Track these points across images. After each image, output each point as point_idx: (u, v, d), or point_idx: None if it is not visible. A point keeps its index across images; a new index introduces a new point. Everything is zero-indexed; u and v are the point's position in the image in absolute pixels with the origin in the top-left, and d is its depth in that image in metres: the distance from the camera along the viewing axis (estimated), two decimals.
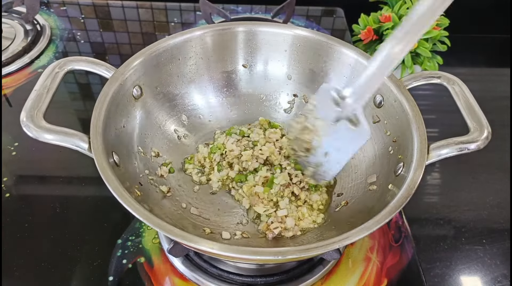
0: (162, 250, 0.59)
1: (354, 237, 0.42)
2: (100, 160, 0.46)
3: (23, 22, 0.96)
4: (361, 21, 0.86)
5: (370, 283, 0.57)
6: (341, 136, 0.52)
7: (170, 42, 0.61)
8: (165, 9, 1.05)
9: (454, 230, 0.67)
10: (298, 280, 0.56)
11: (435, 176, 0.76)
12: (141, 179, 0.55)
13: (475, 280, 0.61)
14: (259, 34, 0.65)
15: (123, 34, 0.99)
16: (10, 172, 0.68)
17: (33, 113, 0.47)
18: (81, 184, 0.67)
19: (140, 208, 0.43)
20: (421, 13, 0.40)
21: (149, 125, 0.61)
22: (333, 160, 0.54)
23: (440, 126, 0.84)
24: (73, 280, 0.56)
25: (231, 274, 0.55)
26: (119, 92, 0.54)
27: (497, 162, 0.77)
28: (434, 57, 0.82)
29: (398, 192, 0.46)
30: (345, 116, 0.51)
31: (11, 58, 0.87)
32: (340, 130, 0.51)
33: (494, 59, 1.04)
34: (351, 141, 0.52)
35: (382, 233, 0.62)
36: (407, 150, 0.52)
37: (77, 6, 1.03)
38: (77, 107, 0.83)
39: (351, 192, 0.60)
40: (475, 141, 0.49)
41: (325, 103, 0.52)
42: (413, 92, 0.56)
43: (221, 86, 0.69)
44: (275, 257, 0.40)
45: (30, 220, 0.61)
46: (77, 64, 0.55)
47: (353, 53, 0.61)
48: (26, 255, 0.58)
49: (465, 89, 0.55)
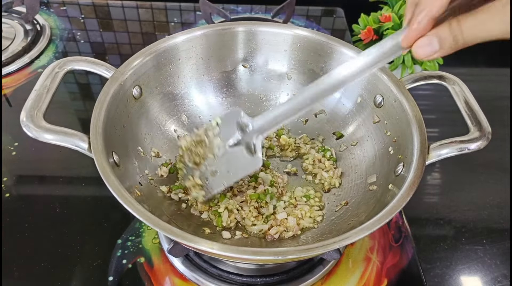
0: (162, 250, 0.59)
1: (354, 237, 0.42)
2: (100, 160, 0.46)
3: (23, 22, 0.96)
4: (361, 21, 0.86)
5: (370, 283, 0.57)
6: (234, 159, 0.52)
7: (170, 42, 0.61)
8: (165, 9, 1.05)
9: (454, 230, 0.67)
10: (298, 280, 0.56)
11: (435, 176, 0.76)
12: (141, 179, 0.55)
13: (475, 280, 0.61)
14: (259, 34, 0.65)
15: (123, 34, 0.99)
16: (10, 172, 0.68)
17: (33, 113, 0.47)
18: (81, 184, 0.67)
19: (140, 208, 0.43)
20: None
21: (149, 125, 0.61)
22: (219, 180, 0.54)
23: (440, 126, 0.84)
24: (73, 280, 0.56)
25: (231, 274, 0.55)
26: (119, 92, 0.54)
27: (497, 162, 0.77)
28: None
29: (398, 192, 0.46)
30: (244, 143, 0.52)
31: (11, 58, 0.87)
32: (235, 153, 0.52)
33: (494, 59, 1.04)
34: (243, 167, 0.52)
35: (382, 233, 0.62)
36: (407, 150, 0.52)
37: (77, 6, 1.03)
38: (77, 107, 0.83)
39: (351, 192, 0.60)
40: (475, 141, 0.49)
41: (229, 125, 0.53)
42: (413, 92, 0.56)
43: (221, 86, 0.69)
44: (275, 257, 0.40)
45: (30, 220, 0.61)
46: (77, 64, 0.55)
47: (353, 53, 0.61)
48: (26, 255, 0.58)
49: (465, 89, 0.55)
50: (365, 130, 0.62)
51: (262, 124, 0.51)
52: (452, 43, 0.35)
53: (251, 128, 0.52)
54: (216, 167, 0.53)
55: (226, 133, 0.53)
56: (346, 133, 0.65)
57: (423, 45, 0.36)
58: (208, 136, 0.54)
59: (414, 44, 0.37)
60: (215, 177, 0.54)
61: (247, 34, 0.65)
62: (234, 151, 0.52)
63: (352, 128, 0.64)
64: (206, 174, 0.54)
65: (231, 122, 0.53)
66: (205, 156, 0.54)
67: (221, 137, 0.53)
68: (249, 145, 0.52)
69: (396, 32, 0.39)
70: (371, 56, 0.41)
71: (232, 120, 0.53)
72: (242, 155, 0.51)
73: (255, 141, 0.52)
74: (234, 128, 0.52)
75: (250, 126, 0.52)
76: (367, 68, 0.42)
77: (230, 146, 0.52)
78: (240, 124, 0.52)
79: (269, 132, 0.52)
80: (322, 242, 0.41)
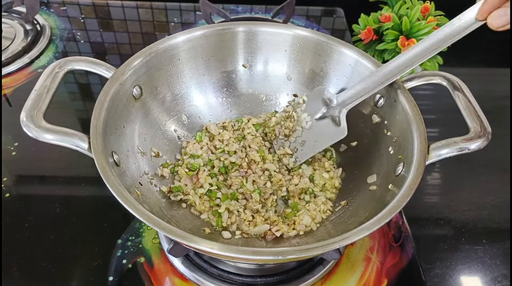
0: (162, 250, 0.59)
1: (354, 237, 0.42)
2: (100, 160, 0.46)
3: (23, 22, 0.96)
4: (361, 21, 0.86)
5: (370, 283, 0.57)
6: (320, 131, 0.60)
7: (170, 42, 0.61)
8: (165, 9, 1.05)
9: (454, 230, 0.67)
10: (298, 280, 0.56)
11: (435, 176, 0.76)
12: (141, 179, 0.55)
13: (475, 280, 0.61)
14: (259, 34, 0.65)
15: (123, 34, 0.99)
16: (10, 172, 0.68)
17: (33, 113, 0.47)
18: (81, 184, 0.67)
19: (140, 208, 0.43)
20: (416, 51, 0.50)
21: (149, 125, 0.61)
22: (307, 149, 0.61)
23: (440, 126, 0.84)
24: (73, 280, 0.56)
25: (231, 274, 0.55)
26: (119, 92, 0.54)
27: (497, 162, 0.77)
28: (434, 57, 0.82)
29: (398, 192, 0.46)
30: (329, 116, 0.60)
31: (11, 58, 0.87)
32: (321, 126, 0.60)
33: (494, 59, 1.04)
34: (329, 136, 0.60)
35: (382, 233, 0.62)
36: (407, 150, 0.52)
37: (77, 6, 1.03)
38: (77, 107, 0.83)
39: (351, 192, 0.60)
40: (475, 141, 0.49)
41: (315, 101, 0.61)
42: (413, 92, 0.56)
43: (221, 86, 0.69)
44: (275, 257, 0.40)
45: (30, 220, 0.61)
46: (77, 64, 0.55)
47: (353, 53, 0.61)
48: (26, 255, 0.58)
49: (465, 89, 0.55)
50: (365, 130, 0.62)
51: (345, 98, 0.58)
52: None
53: (335, 103, 0.59)
54: (304, 138, 0.62)
55: (312, 109, 0.61)
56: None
57: (498, 16, 0.40)
58: (296, 112, 0.62)
59: (489, 16, 0.40)
60: (304, 146, 0.62)
61: (247, 34, 0.65)
62: (321, 123, 0.60)
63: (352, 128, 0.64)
64: (295, 145, 0.62)
65: (316, 98, 0.61)
66: (294, 129, 0.62)
67: (308, 112, 0.62)
68: (334, 118, 0.59)
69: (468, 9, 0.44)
70: (444, 31, 0.47)
71: (318, 97, 0.61)
72: (328, 127, 0.59)
73: (339, 114, 0.59)
74: (319, 103, 0.60)
75: (334, 101, 0.59)
76: (442, 43, 0.47)
77: (316, 119, 0.61)
78: (325, 99, 0.60)
79: (352, 105, 0.58)
80: (322, 242, 0.41)
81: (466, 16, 0.44)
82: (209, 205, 0.58)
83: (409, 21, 0.79)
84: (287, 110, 0.64)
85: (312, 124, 0.61)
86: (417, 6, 0.80)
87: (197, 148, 0.64)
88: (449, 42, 0.47)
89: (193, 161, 0.62)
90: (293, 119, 0.62)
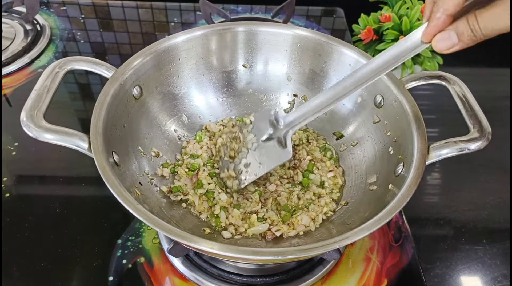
0: (162, 250, 0.59)
1: (354, 237, 0.41)
2: (100, 160, 0.46)
3: (23, 22, 0.96)
4: (361, 21, 0.86)
5: (370, 283, 0.57)
6: (266, 153, 0.58)
7: (170, 42, 0.61)
8: (165, 9, 1.05)
9: (454, 230, 0.67)
10: (298, 280, 0.56)
11: (435, 176, 0.76)
12: (141, 179, 0.55)
13: (475, 280, 0.61)
14: (259, 34, 0.65)
15: (123, 34, 0.99)
16: (10, 172, 0.68)
17: (33, 113, 0.47)
18: (81, 184, 0.67)
19: (140, 208, 0.43)
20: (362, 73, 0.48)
21: (149, 125, 0.61)
22: (251, 171, 0.58)
23: (440, 126, 0.84)
24: (73, 280, 0.56)
25: (231, 274, 0.55)
26: (119, 92, 0.54)
27: (497, 162, 0.77)
28: (434, 57, 0.82)
29: (398, 192, 0.46)
30: (276, 137, 0.58)
31: (11, 58, 0.87)
32: (267, 147, 0.58)
33: (494, 59, 1.04)
34: (274, 159, 0.57)
35: (382, 233, 0.62)
36: (407, 150, 0.52)
37: (77, 6, 1.03)
38: (77, 107, 0.83)
39: (351, 192, 0.60)
40: (475, 141, 0.49)
41: (261, 122, 0.59)
42: (413, 92, 0.56)
43: (221, 86, 0.69)
44: (275, 257, 0.40)
45: (30, 220, 0.61)
46: (77, 64, 0.55)
47: (353, 53, 0.61)
48: (26, 255, 0.58)
49: (465, 89, 0.55)
50: (365, 130, 0.62)
51: (292, 120, 0.56)
52: (471, 35, 0.37)
53: (282, 124, 0.57)
54: (249, 160, 0.59)
55: (259, 130, 0.59)
56: (346, 133, 0.65)
57: (442, 39, 0.39)
58: (242, 133, 0.60)
59: (434, 39, 0.40)
60: (248, 168, 0.58)
61: (247, 34, 0.65)
62: (267, 145, 0.58)
63: (352, 128, 0.64)
64: (240, 167, 0.59)
65: (263, 119, 0.59)
66: (240, 150, 0.60)
67: (254, 133, 0.59)
68: (280, 140, 0.58)
69: (414, 30, 0.42)
70: (391, 53, 0.45)
71: (265, 118, 0.59)
72: (274, 148, 0.58)
73: (285, 136, 0.57)
74: (266, 124, 0.58)
75: (282, 122, 0.57)
76: (387, 65, 0.46)
77: (263, 140, 0.58)
78: (272, 120, 0.58)
79: (298, 127, 0.57)
80: (322, 242, 0.41)
81: (412, 38, 0.43)
82: (208, 206, 0.58)
83: (409, 21, 0.79)
84: (233, 130, 0.62)
85: (258, 146, 0.58)
86: (417, 6, 0.80)
87: (197, 148, 0.64)
88: (397, 63, 0.45)
89: (193, 161, 0.62)
90: (239, 140, 0.60)
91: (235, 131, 0.61)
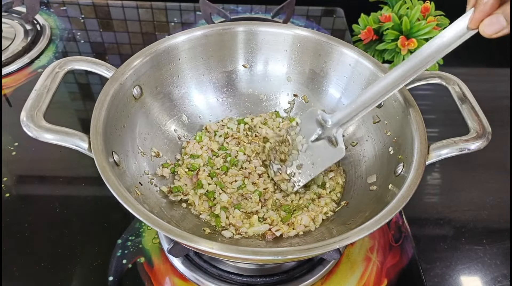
0: (162, 250, 0.59)
1: (354, 237, 0.41)
2: (100, 160, 0.46)
3: (23, 22, 0.96)
4: (361, 21, 0.86)
5: (370, 283, 0.57)
6: (317, 153, 0.59)
7: (170, 42, 0.61)
8: (165, 9, 1.05)
9: (454, 230, 0.67)
10: (298, 280, 0.56)
11: (435, 176, 0.76)
12: (141, 179, 0.55)
13: (475, 280, 0.61)
14: (259, 34, 0.65)
15: (123, 34, 0.99)
16: (10, 172, 0.68)
17: (33, 113, 0.47)
18: (81, 184, 0.67)
19: (140, 208, 0.43)
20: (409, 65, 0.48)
21: (149, 125, 0.61)
22: (305, 172, 0.59)
23: (440, 126, 0.84)
24: (73, 280, 0.56)
25: (231, 274, 0.55)
26: (119, 92, 0.54)
27: (497, 162, 0.77)
28: None
29: (398, 192, 0.46)
30: (325, 137, 0.58)
31: (11, 58, 0.87)
32: (318, 147, 0.59)
33: (494, 59, 1.04)
34: (327, 158, 0.58)
35: (382, 233, 0.62)
36: (407, 150, 0.52)
37: (77, 6, 1.03)
38: (77, 107, 0.83)
39: (351, 192, 0.60)
40: (475, 141, 0.49)
41: (308, 123, 0.60)
42: (413, 92, 0.56)
43: (221, 86, 0.69)
44: (275, 257, 0.40)
45: (30, 220, 0.61)
46: (77, 64, 0.55)
47: (353, 53, 0.61)
48: (26, 255, 0.58)
49: (465, 89, 0.55)
50: (365, 130, 0.62)
51: (340, 118, 0.56)
52: None
53: (330, 123, 0.58)
54: (301, 161, 0.60)
55: (307, 131, 0.60)
56: (346, 133, 0.65)
57: (490, 23, 0.39)
58: (291, 135, 0.61)
59: (481, 24, 0.40)
60: (301, 170, 0.59)
61: (247, 34, 0.65)
62: (317, 145, 0.59)
63: (352, 128, 0.64)
64: (292, 169, 0.60)
65: (310, 120, 0.60)
66: (290, 153, 0.60)
67: (303, 134, 0.60)
68: (330, 139, 0.58)
69: (457, 19, 0.43)
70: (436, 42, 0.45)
71: (311, 119, 0.60)
72: (325, 148, 0.58)
73: (335, 134, 0.57)
74: (314, 125, 0.59)
75: (329, 121, 0.58)
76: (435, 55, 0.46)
77: (312, 141, 0.59)
78: (319, 121, 0.59)
79: (348, 124, 0.57)
80: (322, 242, 0.41)
81: (457, 26, 0.43)
82: (208, 206, 0.58)
83: (409, 21, 0.79)
84: (281, 134, 0.63)
85: (308, 147, 0.60)
86: (417, 6, 0.80)
87: (197, 148, 0.64)
88: (442, 54, 0.46)
89: (193, 161, 0.62)
90: (288, 143, 0.61)
91: (282, 134, 0.62)
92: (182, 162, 0.63)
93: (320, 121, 0.58)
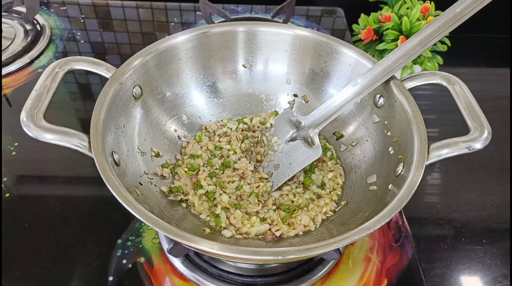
0: (162, 250, 0.59)
1: (354, 237, 0.41)
2: (100, 160, 0.46)
3: (23, 22, 0.96)
4: (361, 21, 0.86)
5: (370, 283, 0.57)
6: (294, 153, 0.60)
7: (170, 42, 0.61)
8: (165, 9, 1.05)
9: (454, 230, 0.67)
10: (298, 280, 0.56)
11: (435, 176, 0.76)
12: (141, 179, 0.55)
13: (475, 280, 0.61)
14: (259, 34, 0.65)
15: (123, 34, 0.99)
16: (10, 172, 0.68)
17: (33, 113, 0.47)
18: (81, 184, 0.67)
19: (140, 208, 0.43)
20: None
21: (149, 125, 0.61)
22: (282, 172, 0.60)
23: (440, 126, 0.84)
24: (73, 280, 0.56)
25: (231, 274, 0.55)
26: (119, 92, 0.54)
27: (497, 162, 0.77)
28: (434, 57, 0.82)
29: (398, 192, 0.46)
30: (301, 137, 0.60)
31: (11, 58, 0.87)
32: (294, 147, 0.60)
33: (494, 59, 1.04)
34: (304, 157, 0.59)
35: (382, 233, 0.62)
36: (407, 150, 0.52)
37: (77, 6, 1.03)
38: (77, 107, 0.83)
39: (351, 192, 0.60)
40: (475, 141, 0.49)
41: (283, 124, 0.62)
42: (413, 92, 0.56)
43: (221, 86, 0.69)
44: (275, 257, 0.40)
45: (30, 220, 0.61)
46: (77, 64, 0.55)
47: (353, 53, 0.61)
48: (26, 255, 0.58)
49: (465, 89, 0.55)
50: (365, 130, 0.62)
51: (313, 120, 0.59)
52: None
53: (304, 124, 0.60)
54: (277, 161, 0.61)
55: (281, 132, 0.62)
56: (346, 133, 0.65)
57: None
58: (266, 136, 0.63)
59: None
60: (278, 169, 0.61)
61: (247, 34, 0.65)
62: (293, 145, 0.61)
63: (352, 128, 0.64)
64: (269, 169, 0.61)
65: (284, 121, 0.62)
66: (266, 153, 0.62)
67: (278, 135, 0.62)
68: (306, 139, 0.60)
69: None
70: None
71: (285, 120, 0.62)
72: (302, 148, 0.60)
73: (311, 134, 0.59)
74: (288, 126, 0.61)
75: (303, 123, 0.60)
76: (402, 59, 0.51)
77: (287, 141, 0.61)
78: (293, 122, 0.61)
79: (322, 125, 0.59)
80: (322, 242, 0.41)
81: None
82: (208, 206, 0.58)
83: (409, 21, 0.79)
84: (256, 135, 0.64)
85: (283, 147, 0.61)
86: (417, 6, 0.80)
87: (197, 148, 0.64)
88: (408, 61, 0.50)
89: (193, 161, 0.62)
90: (263, 144, 0.62)
91: (257, 135, 0.63)
92: (182, 162, 0.63)
93: (294, 123, 0.61)
